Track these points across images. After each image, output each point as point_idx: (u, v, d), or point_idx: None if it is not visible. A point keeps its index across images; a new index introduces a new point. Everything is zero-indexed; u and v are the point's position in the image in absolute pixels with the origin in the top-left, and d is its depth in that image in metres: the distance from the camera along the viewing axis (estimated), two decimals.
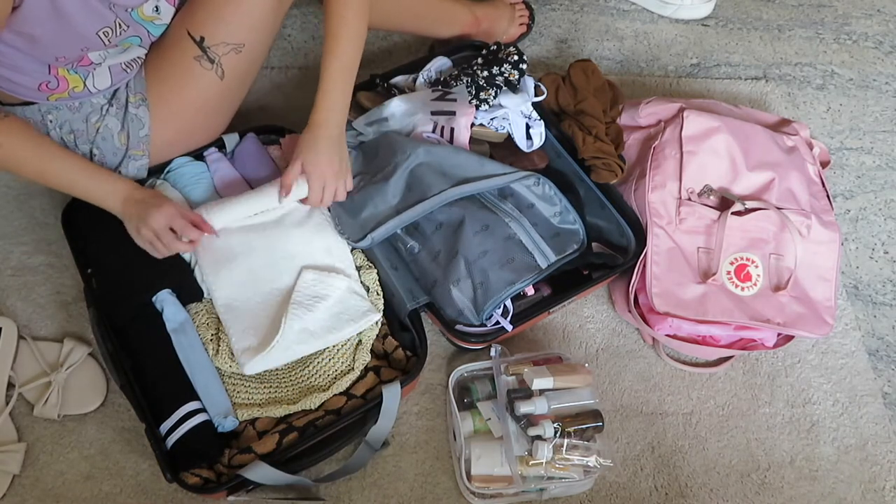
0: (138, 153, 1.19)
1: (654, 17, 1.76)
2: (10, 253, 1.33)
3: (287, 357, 1.13)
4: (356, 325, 1.15)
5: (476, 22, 1.53)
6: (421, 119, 1.28)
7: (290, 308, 1.12)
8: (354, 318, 1.15)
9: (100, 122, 1.15)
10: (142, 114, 1.17)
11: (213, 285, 1.16)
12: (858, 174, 1.60)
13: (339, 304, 1.16)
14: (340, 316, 1.15)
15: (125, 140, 1.17)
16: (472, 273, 1.18)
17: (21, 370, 1.22)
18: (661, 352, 1.34)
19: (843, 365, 1.38)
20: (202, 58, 1.16)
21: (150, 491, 1.16)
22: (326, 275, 1.17)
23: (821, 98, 1.70)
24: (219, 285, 1.16)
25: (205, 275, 1.16)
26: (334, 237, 1.22)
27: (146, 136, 1.18)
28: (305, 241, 1.19)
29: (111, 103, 1.16)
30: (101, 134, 1.15)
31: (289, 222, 1.20)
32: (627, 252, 1.28)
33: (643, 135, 1.40)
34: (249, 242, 1.17)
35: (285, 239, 1.19)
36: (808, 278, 1.30)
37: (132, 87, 1.17)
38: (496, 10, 1.58)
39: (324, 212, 1.23)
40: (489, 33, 1.57)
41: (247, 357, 1.10)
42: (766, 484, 1.26)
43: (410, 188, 1.22)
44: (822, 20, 1.81)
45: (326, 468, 1.18)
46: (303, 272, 1.17)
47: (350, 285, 1.18)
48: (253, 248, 1.17)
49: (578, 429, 1.14)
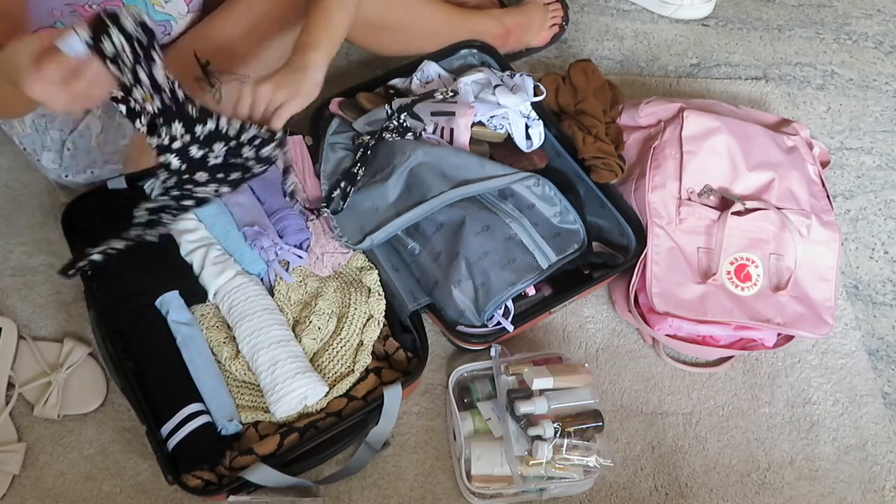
0: (114, 158, 1.19)
1: (654, 17, 1.76)
2: (10, 253, 1.33)
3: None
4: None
5: (506, 33, 1.50)
6: None
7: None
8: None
9: (80, 116, 1.14)
10: (126, 124, 1.16)
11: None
12: (858, 174, 1.60)
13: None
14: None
15: (103, 142, 1.16)
16: (473, 274, 1.18)
17: (21, 370, 1.22)
18: (661, 352, 1.34)
19: (843, 365, 1.38)
20: (203, 80, 1.16)
21: (150, 491, 1.16)
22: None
23: (821, 98, 1.70)
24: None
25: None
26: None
27: (125, 145, 1.18)
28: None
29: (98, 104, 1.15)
30: (78, 130, 1.15)
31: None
32: (628, 251, 1.28)
33: (643, 135, 1.40)
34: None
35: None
36: (808, 278, 1.30)
37: None
38: (527, 17, 1.54)
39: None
40: (520, 41, 1.54)
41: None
42: (766, 484, 1.26)
43: (410, 189, 1.22)
44: (822, 20, 1.81)
45: (327, 469, 1.18)
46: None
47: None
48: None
49: (578, 429, 1.14)
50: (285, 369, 1.10)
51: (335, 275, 1.25)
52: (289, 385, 1.09)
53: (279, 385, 1.09)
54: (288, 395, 1.09)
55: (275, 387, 1.09)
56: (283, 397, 1.09)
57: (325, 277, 1.24)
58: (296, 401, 1.09)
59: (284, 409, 1.09)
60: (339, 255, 1.24)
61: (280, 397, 1.09)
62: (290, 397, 1.09)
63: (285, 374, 1.09)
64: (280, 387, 1.09)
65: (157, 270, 1.15)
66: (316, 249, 1.24)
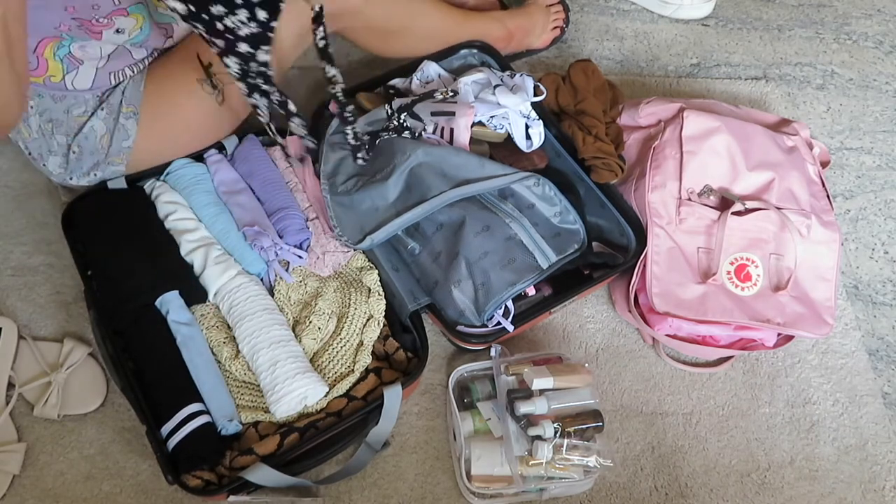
0: (117, 160, 1.20)
1: (654, 17, 1.76)
2: (10, 253, 1.33)
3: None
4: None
5: (509, 36, 1.50)
6: None
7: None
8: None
9: (85, 119, 1.14)
10: (130, 126, 1.17)
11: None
12: (858, 174, 1.60)
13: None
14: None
15: (107, 144, 1.17)
16: (473, 274, 1.18)
17: (21, 370, 1.22)
18: (661, 352, 1.34)
19: (843, 365, 1.38)
20: (205, 82, 1.16)
21: (150, 491, 1.16)
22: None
23: (821, 98, 1.70)
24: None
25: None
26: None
27: (128, 147, 1.18)
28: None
29: (102, 107, 1.16)
30: (83, 133, 1.15)
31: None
32: (628, 251, 1.28)
33: (643, 135, 1.40)
34: None
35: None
36: (808, 278, 1.30)
37: (127, 96, 1.17)
38: (530, 19, 1.54)
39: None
40: (522, 43, 1.54)
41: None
42: (766, 484, 1.26)
43: (410, 189, 1.22)
44: (822, 20, 1.81)
45: (327, 469, 1.18)
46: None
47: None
48: None
49: (578, 429, 1.14)
50: (285, 369, 1.10)
51: (335, 275, 1.25)
52: (289, 385, 1.09)
53: (279, 385, 1.09)
54: (288, 395, 1.09)
55: (275, 387, 1.09)
56: (283, 397, 1.09)
57: (325, 277, 1.24)
58: (296, 401, 1.09)
59: (284, 409, 1.09)
60: (340, 255, 1.24)
61: (280, 397, 1.09)
62: (290, 397, 1.09)
63: (285, 374, 1.10)
64: (280, 387, 1.09)
65: (157, 270, 1.15)
66: (316, 249, 1.24)
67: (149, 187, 1.24)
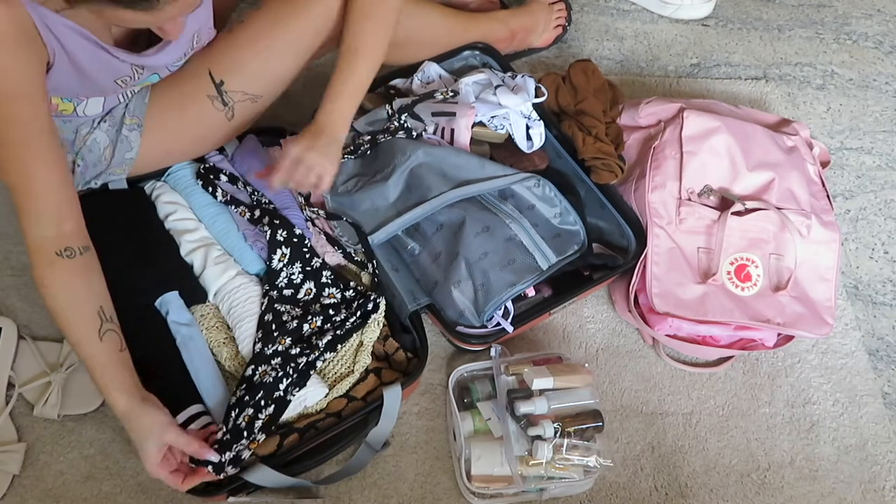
0: (118, 171, 1.19)
1: (654, 17, 1.76)
2: (9, 253, 1.33)
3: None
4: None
5: (511, 35, 1.50)
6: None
7: None
8: None
9: (89, 134, 1.14)
10: (133, 138, 1.16)
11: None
12: (858, 174, 1.60)
13: None
14: None
15: (109, 156, 1.16)
16: (472, 274, 1.18)
17: (21, 370, 1.22)
18: (661, 352, 1.34)
19: (843, 365, 1.38)
20: (216, 98, 1.15)
21: (150, 491, 1.16)
22: None
23: (821, 98, 1.70)
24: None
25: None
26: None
27: (131, 159, 1.17)
28: None
29: (105, 119, 1.14)
30: (87, 146, 1.14)
31: None
32: (628, 252, 1.28)
33: (643, 135, 1.40)
34: None
35: None
36: (808, 278, 1.30)
37: (131, 109, 1.15)
38: (532, 19, 1.54)
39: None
40: (524, 42, 1.54)
41: None
42: (766, 484, 1.26)
43: (410, 189, 1.22)
44: (822, 20, 1.81)
45: (327, 469, 1.18)
46: None
47: None
48: None
49: (578, 429, 1.14)
50: None
51: None
52: None
53: None
54: None
55: None
56: None
57: None
58: (295, 401, 1.09)
59: None
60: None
61: None
62: None
63: None
64: None
65: (157, 270, 1.15)
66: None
67: (149, 188, 1.24)
